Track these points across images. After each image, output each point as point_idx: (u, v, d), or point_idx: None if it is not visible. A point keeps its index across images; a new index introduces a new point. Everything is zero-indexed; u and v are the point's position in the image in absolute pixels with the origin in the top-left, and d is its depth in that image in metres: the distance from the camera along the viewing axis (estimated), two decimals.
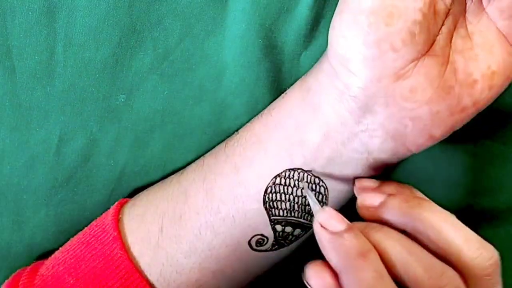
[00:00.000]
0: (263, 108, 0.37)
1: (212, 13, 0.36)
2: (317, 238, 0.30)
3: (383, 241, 0.30)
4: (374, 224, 0.32)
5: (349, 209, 0.34)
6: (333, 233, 0.30)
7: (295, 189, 0.34)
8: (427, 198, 0.33)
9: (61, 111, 0.36)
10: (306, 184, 0.34)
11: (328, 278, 0.30)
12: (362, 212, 0.33)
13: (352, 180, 0.34)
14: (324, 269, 0.30)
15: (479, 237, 0.30)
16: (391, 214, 0.31)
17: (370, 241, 0.30)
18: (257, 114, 0.37)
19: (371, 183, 0.34)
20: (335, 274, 0.30)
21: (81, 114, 0.37)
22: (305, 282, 0.30)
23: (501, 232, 0.39)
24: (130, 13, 0.35)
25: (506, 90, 0.34)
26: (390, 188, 0.33)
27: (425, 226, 0.30)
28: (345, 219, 0.30)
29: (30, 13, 0.34)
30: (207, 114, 0.38)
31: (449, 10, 0.32)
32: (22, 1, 0.34)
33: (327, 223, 0.30)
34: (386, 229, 0.31)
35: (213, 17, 0.36)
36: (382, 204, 0.32)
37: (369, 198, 0.33)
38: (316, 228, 0.30)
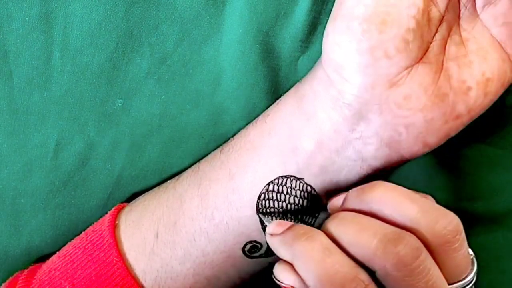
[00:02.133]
0: (260, 113, 0.37)
1: (209, 18, 0.36)
2: (271, 247, 0.31)
3: (335, 226, 0.30)
4: (333, 215, 0.32)
5: None
6: (281, 233, 0.31)
7: (288, 196, 0.34)
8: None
9: (58, 116, 0.36)
10: (260, 214, 0.34)
11: (291, 270, 0.30)
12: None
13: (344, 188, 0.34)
14: (287, 265, 0.30)
15: (437, 206, 0.30)
16: (351, 204, 0.31)
17: (323, 230, 0.30)
18: (254, 119, 0.37)
19: (338, 198, 0.34)
20: (294, 269, 0.30)
21: (79, 118, 0.37)
22: (277, 282, 0.31)
23: (499, 236, 0.39)
24: (127, 18, 0.35)
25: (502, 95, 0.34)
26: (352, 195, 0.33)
27: (379, 204, 0.30)
28: (290, 223, 0.32)
29: (27, 18, 0.34)
30: (204, 118, 0.38)
31: (443, 17, 0.32)
32: (19, 7, 0.34)
33: (274, 230, 0.31)
34: (342, 214, 0.31)
35: (210, 22, 0.36)
36: (344, 200, 0.32)
37: (335, 200, 0.33)
38: (268, 240, 0.32)
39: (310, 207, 0.35)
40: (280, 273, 0.31)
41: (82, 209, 0.39)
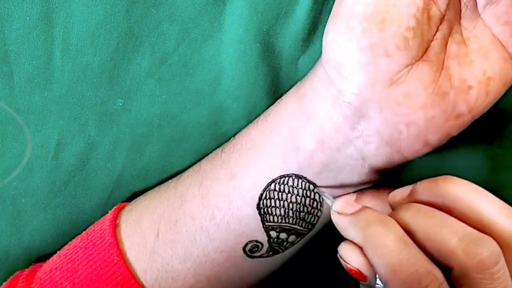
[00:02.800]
0: (261, 112, 0.37)
1: (209, 17, 0.36)
2: (337, 227, 0.31)
3: (410, 217, 0.30)
4: (403, 205, 0.31)
5: None
6: (351, 214, 0.31)
7: (289, 195, 0.34)
8: None
9: (59, 116, 0.37)
10: (320, 189, 0.34)
11: (359, 252, 0.30)
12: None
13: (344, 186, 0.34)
14: (354, 246, 0.30)
15: (511, 207, 0.30)
16: (422, 196, 0.31)
17: (396, 218, 0.30)
18: (254, 118, 0.37)
19: (349, 197, 0.34)
20: (361, 249, 0.30)
21: (79, 118, 0.37)
22: (341, 261, 0.31)
23: None
24: (127, 18, 0.35)
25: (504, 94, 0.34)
26: (367, 196, 0.34)
27: (455, 201, 0.30)
28: (358, 204, 0.32)
29: (27, 18, 0.34)
30: (204, 118, 0.38)
31: (443, 16, 0.32)
32: (20, 7, 0.34)
33: (343, 209, 0.31)
34: (416, 206, 0.30)
35: (211, 22, 0.36)
36: (412, 192, 0.32)
37: (398, 192, 0.33)
38: (335, 217, 0.32)
39: (312, 206, 0.35)
40: (347, 254, 0.30)
41: (82, 209, 0.39)
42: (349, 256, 0.30)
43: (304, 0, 0.35)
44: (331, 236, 0.33)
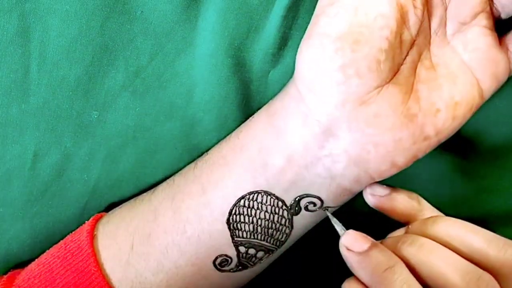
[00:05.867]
0: (232, 124, 0.38)
1: (182, 32, 0.36)
2: (345, 260, 0.32)
3: (414, 254, 0.31)
4: (407, 237, 0.32)
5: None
6: (360, 254, 0.31)
7: (258, 211, 0.35)
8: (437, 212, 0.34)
9: (36, 127, 0.37)
10: (328, 209, 0.34)
11: None
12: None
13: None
14: (358, 285, 0.32)
15: (499, 236, 0.31)
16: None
17: (401, 256, 0.31)
18: (226, 130, 0.38)
19: (383, 190, 0.35)
20: None
21: (55, 130, 0.37)
22: None
23: None
24: (102, 33, 0.36)
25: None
26: (400, 195, 0.34)
27: (447, 237, 0.31)
28: (368, 237, 0.32)
29: (5, 33, 0.35)
30: (177, 130, 0.38)
31: (414, 41, 0.33)
32: None
33: (352, 245, 0.32)
34: (420, 240, 0.32)
35: (183, 37, 0.36)
36: (406, 232, 0.33)
37: (393, 234, 0.34)
38: (343, 251, 0.32)
39: (281, 223, 0.35)
40: None
41: (59, 218, 0.39)
42: None
43: (274, 16, 0.36)
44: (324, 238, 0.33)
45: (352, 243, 0.32)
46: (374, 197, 0.34)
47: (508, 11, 0.33)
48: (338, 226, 0.33)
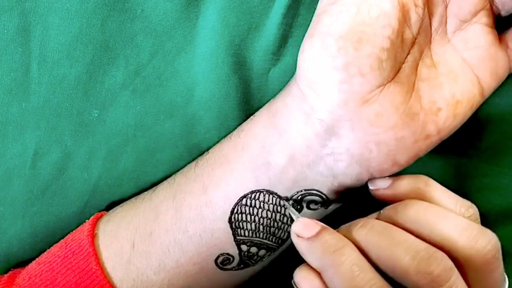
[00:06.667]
0: (233, 123, 0.38)
1: (182, 31, 0.36)
2: (297, 249, 0.32)
3: (364, 235, 0.31)
4: (359, 220, 0.32)
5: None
6: (309, 238, 0.31)
7: (260, 210, 0.35)
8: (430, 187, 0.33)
9: (36, 126, 0.37)
10: (287, 201, 0.34)
11: (315, 279, 0.31)
12: None
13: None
14: (310, 272, 0.31)
15: (475, 225, 0.30)
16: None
17: (352, 238, 0.31)
18: (226, 129, 0.38)
19: (384, 182, 0.34)
20: (319, 275, 0.31)
21: (56, 128, 0.37)
22: (295, 287, 0.31)
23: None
24: (103, 31, 0.36)
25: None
26: (403, 182, 0.34)
27: (415, 224, 0.31)
28: (319, 222, 0.32)
29: (5, 31, 0.35)
30: (178, 128, 0.38)
31: (415, 39, 0.33)
32: None
33: (301, 232, 0.31)
34: (371, 223, 0.31)
35: (184, 35, 0.37)
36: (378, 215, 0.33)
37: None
38: (294, 238, 0.32)
39: (283, 221, 0.35)
40: (301, 281, 0.31)
41: (59, 217, 0.39)
42: (302, 283, 0.31)
43: (275, 15, 0.36)
44: None
45: (301, 229, 0.31)
46: (378, 191, 0.34)
47: (508, 8, 0.33)
48: (294, 216, 0.33)
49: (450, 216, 0.31)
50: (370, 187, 0.34)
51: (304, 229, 0.31)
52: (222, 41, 0.36)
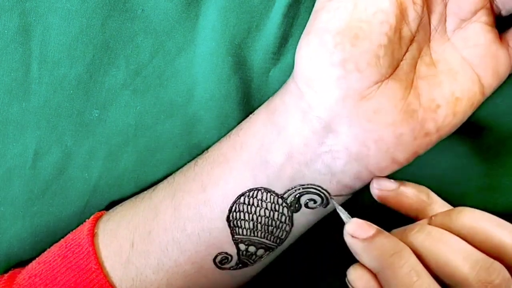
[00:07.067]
0: (233, 123, 0.38)
1: (183, 31, 0.36)
2: (351, 249, 0.32)
3: (421, 241, 0.31)
4: (415, 225, 0.32)
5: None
6: (365, 240, 0.31)
7: (258, 208, 0.35)
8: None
9: (36, 126, 0.37)
10: (334, 198, 0.34)
11: (371, 280, 0.31)
12: None
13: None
14: (364, 271, 0.31)
15: None
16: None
17: (408, 243, 0.31)
18: (226, 128, 0.38)
19: (391, 184, 0.34)
20: (374, 275, 0.31)
21: (56, 128, 0.37)
22: (349, 286, 0.32)
23: None
24: (103, 31, 0.36)
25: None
26: (408, 189, 0.34)
27: (470, 230, 0.31)
28: (374, 225, 0.32)
29: (6, 31, 0.35)
30: (178, 128, 0.38)
31: (413, 37, 0.33)
32: None
33: (356, 232, 0.31)
34: (428, 228, 0.31)
35: (184, 35, 0.37)
36: (430, 221, 0.33)
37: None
38: (348, 239, 0.32)
39: (281, 220, 0.35)
40: (357, 280, 0.31)
41: (60, 217, 0.39)
42: (357, 282, 0.31)
43: (275, 15, 0.36)
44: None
45: (356, 230, 0.31)
46: (381, 191, 0.34)
47: (509, 8, 0.33)
48: (343, 215, 0.33)
49: (504, 224, 0.31)
50: (375, 186, 0.34)
51: (359, 230, 0.31)
52: (222, 41, 0.36)
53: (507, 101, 0.37)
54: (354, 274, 0.32)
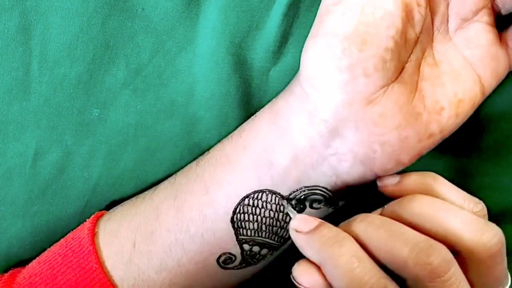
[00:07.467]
0: (233, 122, 0.38)
1: (183, 30, 0.36)
2: (296, 244, 0.32)
3: (363, 229, 0.31)
4: (358, 216, 0.32)
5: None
6: (307, 232, 0.31)
7: (263, 210, 0.35)
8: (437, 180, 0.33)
9: (37, 125, 0.37)
10: (285, 200, 0.34)
11: (314, 273, 0.31)
12: None
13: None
14: (309, 266, 0.31)
15: (480, 219, 0.30)
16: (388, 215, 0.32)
17: (351, 232, 0.31)
18: (227, 128, 0.38)
19: (392, 179, 0.34)
20: (319, 269, 0.31)
21: (56, 128, 0.37)
22: (294, 282, 0.31)
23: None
24: (103, 31, 0.36)
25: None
26: (411, 178, 0.34)
27: (419, 218, 0.31)
28: (317, 218, 0.31)
29: (6, 30, 0.35)
30: (178, 128, 0.38)
31: (417, 38, 0.33)
32: None
33: (300, 227, 0.31)
34: (370, 217, 0.31)
35: (184, 34, 0.37)
36: (382, 215, 0.33)
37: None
38: (292, 234, 0.32)
39: (285, 220, 0.35)
40: (300, 275, 0.31)
41: (60, 217, 0.39)
42: (301, 277, 0.31)
43: (275, 14, 0.36)
44: None
45: (300, 224, 0.31)
46: (386, 187, 0.34)
47: (509, 7, 0.33)
48: (292, 213, 0.33)
49: (455, 210, 0.31)
50: (379, 184, 0.34)
51: (302, 224, 0.31)
52: (222, 40, 0.36)
53: (505, 99, 0.37)
54: (298, 270, 0.31)
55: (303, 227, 0.31)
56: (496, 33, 0.34)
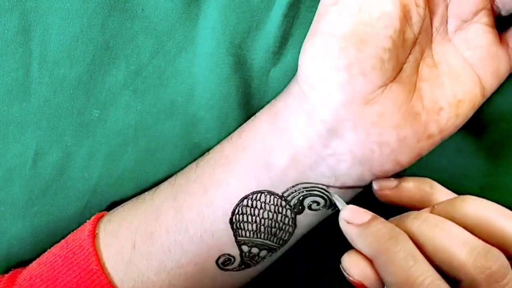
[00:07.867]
0: (233, 123, 0.38)
1: (183, 30, 0.36)
2: (346, 235, 0.31)
3: (417, 227, 0.30)
4: (411, 212, 0.32)
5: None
6: (360, 225, 0.31)
7: (261, 210, 0.34)
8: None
9: (37, 126, 0.37)
10: (332, 189, 0.34)
11: (366, 266, 0.30)
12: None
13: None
14: (359, 257, 0.31)
15: None
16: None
17: (404, 229, 0.30)
18: (227, 128, 0.38)
19: (390, 182, 0.34)
20: (370, 261, 0.30)
21: (57, 128, 0.37)
22: (344, 273, 0.31)
23: None
24: (103, 31, 0.36)
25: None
26: (409, 184, 0.34)
27: (474, 219, 0.30)
28: (368, 211, 0.31)
29: (5, 31, 0.35)
30: (178, 128, 0.38)
31: (416, 39, 0.33)
32: None
33: (352, 218, 0.31)
34: (424, 215, 0.31)
35: (184, 35, 0.37)
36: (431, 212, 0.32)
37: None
38: (343, 225, 0.31)
39: (284, 222, 0.35)
40: (351, 267, 0.31)
41: (60, 217, 0.39)
42: (352, 269, 0.31)
43: (275, 15, 0.36)
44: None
45: (352, 215, 0.31)
46: (383, 191, 0.34)
47: (509, 8, 0.33)
48: (339, 203, 0.33)
49: (509, 214, 0.31)
50: (375, 187, 0.34)
51: (354, 216, 0.31)
52: (222, 41, 0.36)
53: (506, 100, 0.37)
54: (349, 261, 0.31)
55: (355, 219, 0.31)
56: (496, 34, 0.34)
